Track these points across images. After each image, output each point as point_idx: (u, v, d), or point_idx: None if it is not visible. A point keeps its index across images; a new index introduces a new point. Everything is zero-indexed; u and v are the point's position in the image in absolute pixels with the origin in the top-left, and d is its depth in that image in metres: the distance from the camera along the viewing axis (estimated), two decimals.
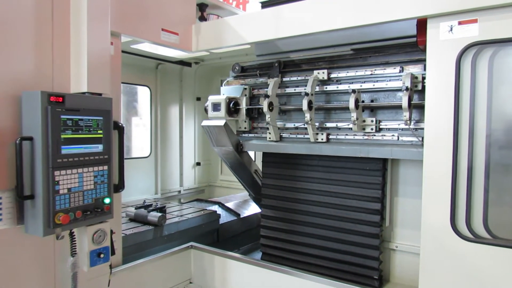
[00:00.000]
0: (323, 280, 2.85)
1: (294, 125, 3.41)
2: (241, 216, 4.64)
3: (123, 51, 3.12)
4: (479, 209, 2.31)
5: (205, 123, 3.68)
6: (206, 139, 3.75)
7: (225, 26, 3.36)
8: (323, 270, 3.35)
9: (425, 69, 2.47)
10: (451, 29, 2.30)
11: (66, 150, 2.22)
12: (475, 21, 2.23)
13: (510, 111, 2.34)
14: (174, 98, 5.93)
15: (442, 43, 2.34)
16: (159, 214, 3.67)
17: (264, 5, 3.43)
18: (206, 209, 4.35)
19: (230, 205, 4.86)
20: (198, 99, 6.20)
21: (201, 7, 3.93)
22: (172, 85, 5.88)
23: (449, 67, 2.31)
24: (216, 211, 4.35)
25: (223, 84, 3.86)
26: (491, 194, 2.31)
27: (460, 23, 2.28)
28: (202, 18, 3.94)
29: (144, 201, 4.23)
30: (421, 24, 2.46)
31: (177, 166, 6.01)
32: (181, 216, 4.03)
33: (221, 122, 3.53)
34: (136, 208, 3.87)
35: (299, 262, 3.49)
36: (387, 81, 2.94)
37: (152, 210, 3.80)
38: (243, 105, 3.59)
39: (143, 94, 5.59)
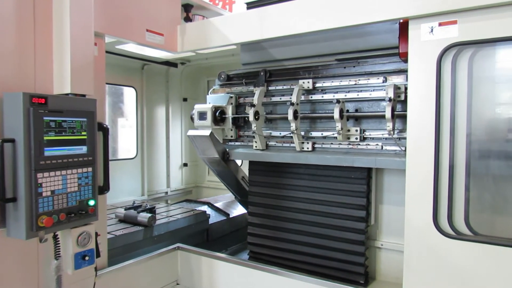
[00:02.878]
0: (310, 279, 2.87)
1: (280, 133, 3.45)
2: (230, 216, 4.66)
3: (108, 52, 3.10)
4: (460, 207, 2.36)
5: (191, 133, 3.68)
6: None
7: (210, 27, 3.36)
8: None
9: (407, 80, 2.52)
10: (432, 30, 2.34)
11: (49, 152, 2.20)
12: (454, 22, 2.28)
13: (489, 110, 2.40)
14: (160, 99, 5.90)
15: (423, 44, 2.38)
16: (149, 214, 3.67)
17: (249, 6, 3.45)
18: (195, 210, 4.36)
19: (219, 205, 4.86)
20: (185, 99, 6.18)
21: (186, 8, 3.93)
22: (158, 85, 5.85)
23: (430, 67, 2.35)
24: (205, 211, 4.37)
25: (209, 92, 3.86)
26: (472, 192, 2.36)
27: (440, 24, 2.32)
28: (188, 19, 3.93)
29: (134, 202, 4.23)
30: (403, 37, 2.50)
31: (163, 167, 5.98)
32: (170, 216, 4.04)
33: (207, 132, 3.54)
34: (125, 209, 3.86)
35: (287, 267, 3.49)
36: (371, 91, 3.00)
37: (142, 211, 3.79)
38: (229, 114, 3.61)
39: (129, 95, 5.55)
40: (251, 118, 3.28)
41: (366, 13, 2.59)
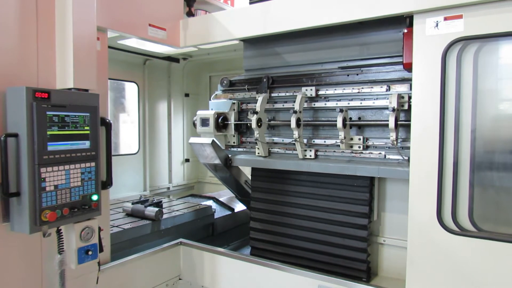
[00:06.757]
0: (311, 274, 2.87)
1: (283, 140, 3.45)
2: (235, 211, 4.69)
3: (110, 47, 3.09)
4: (464, 203, 2.35)
5: (192, 140, 3.68)
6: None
7: (213, 22, 3.34)
8: None
9: (411, 89, 2.50)
10: (437, 25, 2.33)
11: (52, 146, 2.20)
12: (460, 16, 2.26)
13: (494, 106, 2.38)
14: (162, 94, 5.88)
15: (428, 39, 2.36)
16: (156, 209, 3.71)
17: (252, 1, 3.43)
18: (201, 204, 4.41)
19: (224, 200, 4.89)
20: (187, 95, 6.17)
21: (189, 2, 3.91)
22: (160, 81, 5.84)
23: (435, 62, 2.34)
24: (211, 206, 4.42)
25: (211, 98, 3.85)
26: (476, 187, 2.35)
27: (445, 18, 2.30)
28: (190, 14, 3.91)
29: (141, 196, 4.29)
30: (407, 47, 2.48)
31: (165, 162, 5.97)
32: (177, 211, 4.08)
33: (208, 140, 3.54)
34: (133, 203, 3.91)
35: None
36: (374, 99, 3.00)
37: (149, 205, 3.83)
38: (232, 120, 3.61)
39: (131, 90, 5.54)
40: (253, 125, 3.27)
41: (371, 7, 2.58)
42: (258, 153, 3.47)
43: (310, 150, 3.23)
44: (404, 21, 2.56)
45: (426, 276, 2.46)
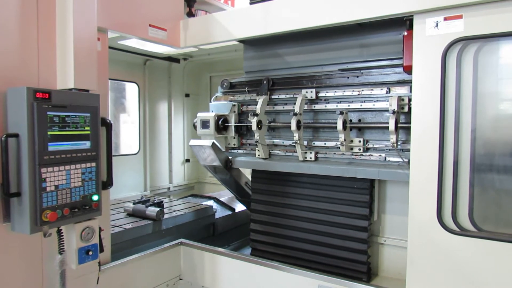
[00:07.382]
0: (311, 274, 2.88)
1: (283, 142, 3.45)
2: (236, 211, 4.71)
3: (110, 47, 3.09)
4: (464, 203, 2.35)
5: (193, 142, 3.69)
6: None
7: (213, 22, 3.34)
8: None
9: (411, 91, 2.51)
10: (437, 25, 2.33)
11: (53, 147, 2.21)
12: (460, 17, 2.26)
13: (494, 106, 2.38)
14: (162, 94, 5.89)
15: (428, 39, 2.37)
16: (157, 209, 3.72)
17: (252, 1, 3.43)
18: (202, 204, 4.43)
19: (224, 200, 4.91)
20: (187, 95, 6.18)
21: (189, 2, 3.91)
22: (161, 81, 5.84)
23: (435, 62, 2.34)
24: (212, 206, 4.43)
25: (211, 100, 3.86)
26: (476, 187, 2.35)
27: (445, 19, 2.30)
28: (190, 14, 3.92)
29: (142, 196, 4.31)
30: (407, 50, 2.48)
31: (166, 163, 5.98)
32: (178, 211, 4.10)
33: (209, 143, 3.55)
34: (134, 203, 3.92)
35: None
36: (375, 101, 3.00)
37: (150, 205, 3.85)
38: (232, 122, 3.62)
39: (131, 90, 5.54)
40: (254, 127, 3.27)
41: (371, 8, 2.58)
42: (259, 155, 3.47)
43: (311, 152, 3.23)
44: (404, 23, 2.56)
45: (426, 276, 2.46)
